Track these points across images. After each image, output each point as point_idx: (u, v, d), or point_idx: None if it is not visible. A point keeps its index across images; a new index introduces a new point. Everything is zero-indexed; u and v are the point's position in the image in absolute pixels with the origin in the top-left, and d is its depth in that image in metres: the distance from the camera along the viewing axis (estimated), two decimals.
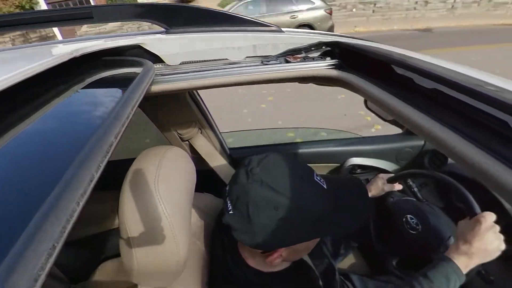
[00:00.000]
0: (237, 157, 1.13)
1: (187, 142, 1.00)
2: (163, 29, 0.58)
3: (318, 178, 0.51)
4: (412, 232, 0.84)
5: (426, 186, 1.05)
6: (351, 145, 1.20)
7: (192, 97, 0.88)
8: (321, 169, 1.22)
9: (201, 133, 1.00)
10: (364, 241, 0.98)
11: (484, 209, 0.75)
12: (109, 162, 0.24)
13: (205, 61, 0.58)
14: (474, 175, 0.30)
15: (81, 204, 0.19)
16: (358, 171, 1.23)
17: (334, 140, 1.23)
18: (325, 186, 0.51)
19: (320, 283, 0.62)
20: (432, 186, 1.04)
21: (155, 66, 0.54)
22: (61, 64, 0.38)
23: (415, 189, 1.01)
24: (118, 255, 0.52)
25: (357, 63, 0.55)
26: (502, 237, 0.58)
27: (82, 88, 0.40)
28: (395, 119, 0.51)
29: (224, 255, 0.58)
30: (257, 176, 0.47)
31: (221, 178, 0.99)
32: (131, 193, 0.47)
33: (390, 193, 1.00)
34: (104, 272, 0.86)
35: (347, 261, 1.06)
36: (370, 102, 0.71)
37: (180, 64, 0.57)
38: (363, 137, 1.28)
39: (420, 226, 0.83)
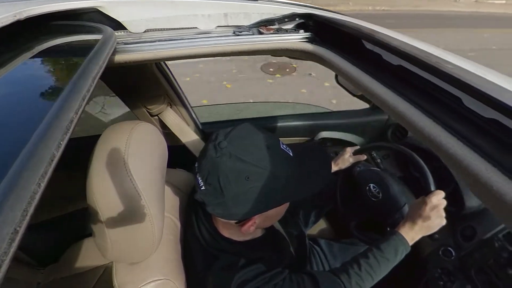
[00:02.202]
0: (210, 131, 1.11)
1: (156, 117, 0.96)
2: None
3: (284, 147, 0.54)
4: (373, 199, 0.92)
5: (388, 157, 1.14)
6: (321, 119, 1.24)
7: (160, 69, 0.83)
8: (292, 142, 1.26)
9: (171, 107, 0.96)
10: (330, 206, 1.06)
11: (435, 176, 0.84)
12: (72, 140, 0.23)
13: (172, 29, 0.54)
14: (429, 146, 0.33)
15: (43, 185, 0.18)
16: (328, 144, 1.29)
17: (305, 115, 1.25)
18: (291, 154, 0.53)
19: (291, 249, 0.67)
20: (393, 157, 1.14)
21: (116, 33, 0.49)
22: (1, 29, 0.33)
23: (378, 160, 1.10)
24: (88, 235, 0.51)
25: (330, 37, 0.55)
26: (444, 214, 0.67)
27: (31, 58, 0.36)
28: (363, 94, 0.53)
29: (198, 228, 0.60)
30: (225, 150, 0.48)
31: (194, 154, 0.98)
32: (99, 171, 0.45)
33: (357, 163, 1.07)
34: (75, 253, 0.84)
35: (316, 227, 1.14)
36: (341, 77, 0.73)
37: (145, 32, 0.53)
38: (333, 112, 1.33)
39: (380, 194, 0.91)
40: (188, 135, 0.99)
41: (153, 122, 0.97)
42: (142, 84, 0.84)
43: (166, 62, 0.84)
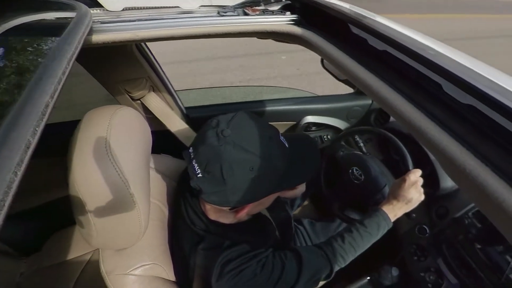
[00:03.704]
0: (195, 116, 1.09)
1: (138, 101, 0.92)
2: None
3: (282, 138, 0.55)
4: (356, 182, 0.96)
5: (370, 141, 1.17)
6: (307, 103, 1.24)
7: (141, 50, 0.79)
8: (279, 127, 1.26)
9: (153, 91, 0.93)
10: (315, 189, 1.09)
11: (414, 159, 0.87)
12: (50, 125, 0.22)
13: (152, 8, 0.52)
14: (409, 131, 0.34)
15: (20, 173, 0.17)
16: (313, 128, 1.31)
17: (291, 99, 1.26)
18: (287, 145, 0.55)
19: (277, 233, 0.69)
20: (375, 141, 1.17)
21: (91, 11, 0.46)
22: None
23: (361, 144, 1.13)
24: (71, 223, 0.50)
25: (317, 20, 0.54)
26: (422, 190, 0.72)
27: None
28: (347, 79, 0.54)
29: (186, 210, 0.60)
30: (229, 138, 0.47)
31: (179, 139, 0.96)
32: (80, 158, 0.43)
33: (340, 147, 1.10)
34: (58, 241, 0.83)
35: (300, 209, 1.18)
36: (327, 62, 0.73)
37: (123, 10, 0.50)
38: (318, 96, 1.34)
39: (363, 177, 0.95)
40: (173, 120, 0.96)
41: (135, 106, 0.93)
42: (122, 67, 0.80)
43: (146, 43, 0.80)
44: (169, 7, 0.52)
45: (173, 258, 0.62)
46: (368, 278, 0.94)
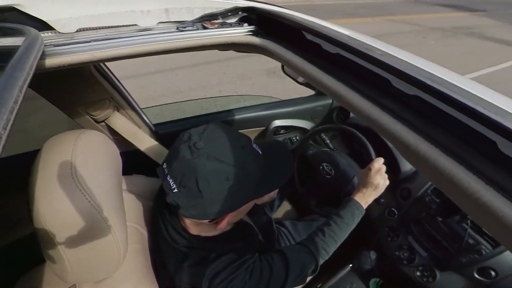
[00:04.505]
0: (164, 132, 1.06)
1: (103, 123, 0.87)
2: None
3: (255, 146, 0.55)
4: (327, 177, 1.00)
5: (335, 137, 1.23)
6: (273, 108, 1.27)
7: (100, 71, 0.75)
8: (249, 134, 1.27)
9: (118, 111, 0.89)
10: (290, 189, 1.12)
11: (375, 149, 0.93)
12: (5, 159, 0.20)
13: (108, 27, 0.50)
14: (368, 124, 0.36)
15: None
16: (282, 131, 1.34)
17: (258, 106, 1.28)
18: (260, 152, 0.55)
19: (260, 237, 0.69)
20: (340, 137, 1.23)
21: (42, 35, 0.43)
22: None
23: (328, 141, 1.18)
24: (41, 261, 0.45)
25: (273, 29, 0.56)
26: (386, 176, 0.77)
27: None
28: (308, 82, 0.56)
29: (166, 229, 0.58)
30: (202, 150, 0.46)
31: (150, 157, 0.92)
32: (44, 188, 0.39)
33: (309, 146, 1.14)
34: (28, 283, 0.74)
35: (280, 210, 1.19)
36: (286, 67, 0.76)
37: (77, 31, 0.47)
38: (283, 100, 1.37)
39: (333, 171, 0.99)
40: (141, 139, 0.92)
41: (100, 129, 0.88)
42: (81, 90, 0.75)
43: (106, 63, 0.77)
44: (126, 25, 0.50)
45: (158, 280, 0.59)
46: (351, 265, 0.97)
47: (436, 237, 0.85)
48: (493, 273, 0.73)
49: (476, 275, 0.76)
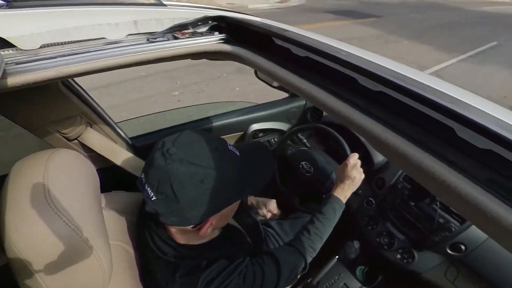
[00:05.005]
0: (141, 145, 1.02)
1: (76, 141, 0.82)
2: (1, 1, 0.43)
3: (231, 147, 0.54)
4: (307, 174, 1.02)
5: (311, 136, 1.26)
6: (250, 113, 1.28)
7: (69, 87, 0.71)
8: (228, 139, 1.27)
9: (91, 127, 0.84)
10: (273, 189, 1.13)
11: (349, 144, 0.97)
12: None
13: (75, 42, 0.47)
14: (340, 121, 0.38)
15: None
16: (260, 135, 1.35)
17: (235, 111, 1.28)
18: (237, 153, 0.54)
19: (248, 239, 0.69)
20: (315, 135, 1.27)
21: (2, 52, 0.40)
22: None
23: (305, 140, 1.21)
24: None
25: (244, 37, 0.57)
26: (361, 170, 0.81)
27: None
28: (281, 85, 0.58)
29: (154, 242, 0.55)
30: (175, 156, 0.46)
31: (128, 171, 0.88)
32: (16, 214, 0.36)
33: (288, 146, 1.16)
34: None
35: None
36: (259, 72, 0.77)
37: (41, 48, 0.45)
38: (259, 104, 1.39)
39: (312, 169, 1.02)
40: (118, 153, 0.88)
41: (73, 147, 0.83)
42: (49, 108, 0.70)
43: (74, 78, 0.73)
44: (94, 39, 0.48)
45: None
46: (337, 257, 0.99)
47: (411, 220, 0.90)
48: (463, 247, 0.79)
49: (449, 251, 0.81)
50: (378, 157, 1.03)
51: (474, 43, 5.55)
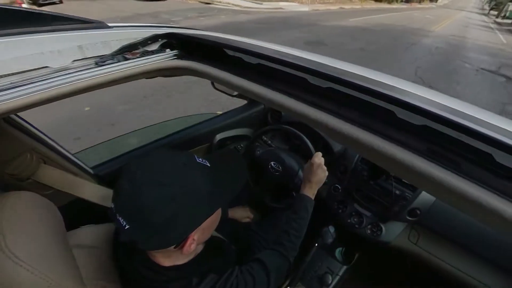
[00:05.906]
0: (105, 173, 0.94)
1: (30, 180, 0.73)
2: None
3: (200, 160, 0.52)
4: (276, 173, 1.04)
5: (275, 137, 1.29)
6: (213, 124, 1.27)
7: (13, 123, 0.63)
8: (196, 152, 1.24)
9: (45, 163, 0.75)
10: (247, 191, 1.13)
11: (309, 138, 1.01)
12: None
13: (14, 74, 0.42)
14: (298, 118, 0.40)
15: None
16: (227, 142, 1.34)
17: (198, 124, 1.25)
18: (208, 164, 0.52)
19: (233, 247, 0.68)
20: (278, 135, 1.30)
21: None
22: None
23: (269, 142, 1.24)
24: None
25: (196, 51, 0.56)
26: (325, 168, 0.85)
27: None
28: (239, 93, 0.58)
29: (138, 271, 0.51)
30: (141, 180, 0.43)
31: (94, 202, 0.81)
32: None
33: (256, 148, 1.17)
34: None
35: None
36: (216, 83, 0.77)
37: None
38: (221, 114, 1.38)
39: (280, 168, 1.04)
40: (80, 186, 0.80)
41: (27, 187, 0.73)
42: None
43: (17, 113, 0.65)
44: (36, 69, 0.44)
45: None
46: (316, 244, 1.03)
47: (373, 197, 0.97)
48: (418, 211, 0.88)
49: (408, 217, 0.90)
50: (337, 146, 1.10)
51: None
